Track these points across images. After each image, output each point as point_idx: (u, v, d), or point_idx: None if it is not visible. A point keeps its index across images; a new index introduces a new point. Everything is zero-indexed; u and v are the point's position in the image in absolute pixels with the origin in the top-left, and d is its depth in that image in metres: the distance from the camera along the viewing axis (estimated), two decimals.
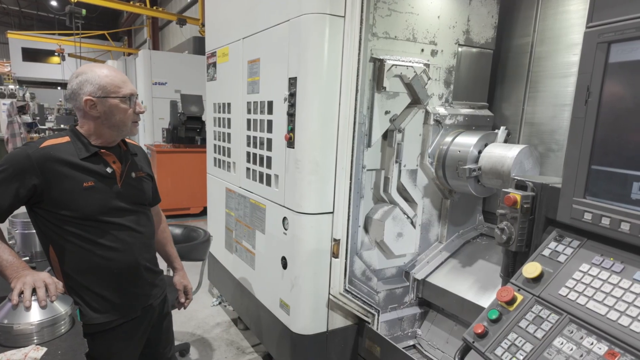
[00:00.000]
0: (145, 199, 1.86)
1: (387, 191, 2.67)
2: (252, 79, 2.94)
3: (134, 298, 1.79)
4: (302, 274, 2.50)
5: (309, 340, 2.55)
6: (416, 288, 2.83)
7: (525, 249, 1.65)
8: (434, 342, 2.76)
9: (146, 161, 1.95)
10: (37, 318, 1.50)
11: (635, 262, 1.24)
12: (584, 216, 1.35)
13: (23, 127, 9.37)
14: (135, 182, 1.80)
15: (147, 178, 1.90)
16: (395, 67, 2.43)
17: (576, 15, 2.46)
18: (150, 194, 1.90)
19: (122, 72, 1.74)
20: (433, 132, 2.70)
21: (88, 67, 1.68)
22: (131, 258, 1.75)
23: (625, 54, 1.24)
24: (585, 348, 1.17)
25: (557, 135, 2.58)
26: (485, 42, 2.83)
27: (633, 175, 1.23)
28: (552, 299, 1.33)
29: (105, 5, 11.49)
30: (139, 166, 1.86)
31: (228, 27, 3.35)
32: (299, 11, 2.32)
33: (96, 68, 1.66)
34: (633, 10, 1.21)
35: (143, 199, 1.84)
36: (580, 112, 1.36)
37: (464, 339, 1.44)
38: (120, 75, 1.69)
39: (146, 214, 1.86)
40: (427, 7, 2.58)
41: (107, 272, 1.70)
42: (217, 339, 3.58)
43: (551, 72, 2.61)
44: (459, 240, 2.90)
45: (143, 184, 1.85)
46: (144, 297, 1.83)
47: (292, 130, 2.44)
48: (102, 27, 18.60)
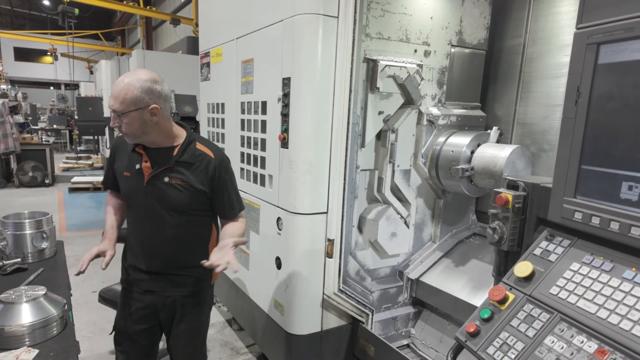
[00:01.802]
0: (167, 205, 1.88)
1: (380, 191, 2.68)
2: (246, 79, 2.94)
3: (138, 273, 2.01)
4: (297, 274, 2.50)
5: (303, 340, 2.55)
6: (410, 288, 2.84)
7: (517, 248, 1.66)
8: (427, 341, 2.78)
9: (202, 174, 1.89)
10: (29, 319, 1.49)
11: (624, 261, 1.26)
12: (574, 216, 1.37)
13: (15, 128, 9.29)
14: (163, 186, 1.86)
15: (185, 187, 1.87)
16: (389, 67, 2.44)
17: (567, 16, 2.49)
18: (181, 202, 1.88)
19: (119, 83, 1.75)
20: (426, 132, 2.71)
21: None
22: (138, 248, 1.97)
23: (614, 55, 1.26)
24: (575, 346, 1.19)
25: (549, 135, 2.60)
26: (478, 42, 2.85)
27: (622, 175, 1.25)
28: (543, 297, 1.34)
29: (98, 5, 11.43)
30: (182, 175, 1.86)
31: (222, 27, 3.34)
32: (293, 11, 2.32)
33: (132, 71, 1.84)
34: (622, 12, 1.22)
35: (161, 204, 1.88)
36: (570, 113, 1.38)
37: (457, 338, 1.45)
38: (115, 85, 1.76)
39: (164, 219, 1.89)
40: (420, 8, 2.59)
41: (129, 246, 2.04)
42: (212, 339, 3.57)
43: (543, 72, 2.63)
44: (452, 240, 2.92)
45: (173, 191, 1.86)
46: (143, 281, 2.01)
47: (286, 131, 2.44)
48: (95, 27, 18.49)
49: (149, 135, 1.82)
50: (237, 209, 2.03)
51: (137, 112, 1.74)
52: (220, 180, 1.93)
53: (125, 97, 1.71)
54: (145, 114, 1.75)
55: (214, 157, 1.91)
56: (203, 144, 1.96)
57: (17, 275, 2.08)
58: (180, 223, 1.92)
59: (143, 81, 1.74)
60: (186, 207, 1.90)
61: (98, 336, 3.46)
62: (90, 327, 3.59)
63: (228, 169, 1.99)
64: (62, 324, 1.60)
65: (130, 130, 1.78)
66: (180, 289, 2.01)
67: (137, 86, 1.72)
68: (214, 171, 1.90)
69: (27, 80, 22.37)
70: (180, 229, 1.93)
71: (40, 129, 15.09)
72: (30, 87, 21.84)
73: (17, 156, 9.53)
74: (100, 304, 2.76)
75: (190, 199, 1.89)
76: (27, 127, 11.96)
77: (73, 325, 1.67)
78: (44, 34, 17.59)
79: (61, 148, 16.93)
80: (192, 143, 1.91)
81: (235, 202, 2.02)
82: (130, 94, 1.71)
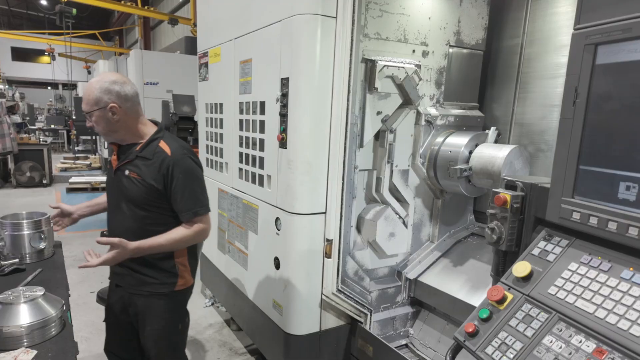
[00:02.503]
0: (126, 197, 1.99)
1: (379, 191, 2.68)
2: (244, 80, 2.94)
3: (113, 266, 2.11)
4: (295, 274, 2.50)
5: (301, 340, 2.55)
6: (408, 287, 2.84)
7: (515, 248, 1.66)
8: (426, 341, 2.78)
9: (155, 170, 1.93)
10: (27, 320, 1.49)
11: (622, 261, 1.26)
12: (572, 216, 1.37)
13: (12, 128, 9.26)
14: (124, 178, 1.98)
15: (139, 181, 1.94)
16: (387, 67, 2.44)
17: (565, 17, 2.49)
18: (135, 196, 1.96)
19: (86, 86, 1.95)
20: (424, 132, 2.71)
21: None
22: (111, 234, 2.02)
23: (611, 55, 1.26)
24: (574, 346, 1.19)
25: (547, 135, 2.61)
26: (476, 43, 2.85)
27: (620, 175, 1.25)
28: (541, 297, 1.35)
29: (96, 5, 11.40)
30: (138, 169, 1.95)
31: (220, 27, 3.34)
32: (291, 12, 2.32)
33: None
34: (619, 13, 1.23)
35: (122, 196, 2.00)
36: (568, 113, 1.38)
37: (455, 338, 1.45)
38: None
39: (125, 211, 1.99)
40: (418, 9, 2.59)
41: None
42: (210, 340, 3.57)
43: (541, 73, 2.64)
44: (450, 240, 2.92)
45: (130, 183, 1.96)
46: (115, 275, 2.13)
47: (285, 131, 2.44)
48: (93, 27, 18.46)
49: (118, 132, 1.98)
50: (190, 213, 1.96)
51: (99, 111, 1.89)
52: (173, 179, 1.93)
53: (89, 98, 1.89)
54: (107, 113, 1.90)
55: (170, 155, 1.95)
56: (167, 142, 2.00)
57: (15, 275, 2.08)
58: (139, 217, 1.98)
59: (103, 82, 1.89)
60: (141, 201, 1.96)
61: (96, 337, 3.45)
62: (89, 328, 3.59)
63: (186, 169, 1.95)
64: (61, 324, 1.60)
65: (99, 128, 1.95)
66: (143, 288, 2.04)
67: (97, 87, 1.88)
68: (167, 169, 1.93)
69: (24, 80, 22.32)
70: (140, 223, 1.97)
71: (37, 129, 15.06)
72: (28, 87, 21.79)
73: (15, 156, 9.51)
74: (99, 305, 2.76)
75: (143, 193, 1.95)
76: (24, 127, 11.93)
77: (71, 325, 1.67)
78: (42, 34, 17.55)
79: (59, 148, 16.89)
80: (155, 140, 1.99)
81: (189, 203, 1.95)
82: (92, 95, 1.88)
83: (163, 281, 2.04)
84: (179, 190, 1.94)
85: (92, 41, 19.33)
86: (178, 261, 2.08)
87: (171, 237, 1.94)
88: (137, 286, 2.04)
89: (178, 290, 2.10)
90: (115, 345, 2.24)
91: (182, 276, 2.10)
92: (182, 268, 2.10)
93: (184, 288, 2.13)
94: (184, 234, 1.97)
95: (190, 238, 2.00)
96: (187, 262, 2.13)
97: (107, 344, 2.27)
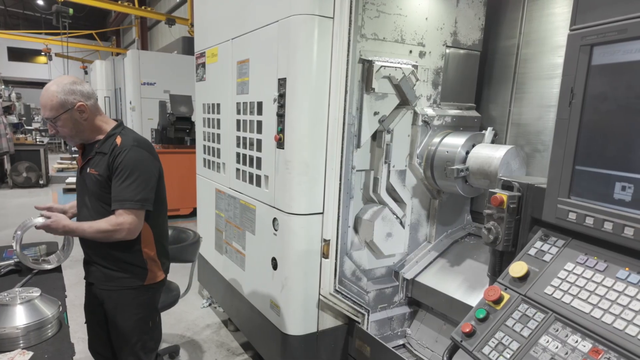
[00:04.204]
0: (88, 193, 2.04)
1: (376, 191, 2.69)
2: (242, 80, 2.94)
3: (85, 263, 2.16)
4: (292, 274, 2.50)
5: (299, 340, 2.55)
6: (405, 288, 2.85)
7: (512, 248, 1.67)
8: (423, 341, 2.78)
9: (106, 162, 1.94)
10: (23, 321, 1.48)
11: (618, 261, 1.26)
12: (568, 216, 1.38)
13: (9, 128, 9.22)
14: (86, 176, 2.03)
15: (97, 177, 1.98)
16: (384, 68, 2.44)
17: (561, 17, 2.50)
18: (95, 191, 1.99)
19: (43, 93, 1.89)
20: (421, 132, 2.72)
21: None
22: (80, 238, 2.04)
23: (607, 56, 1.27)
24: (570, 346, 1.19)
25: (543, 135, 2.61)
26: (473, 43, 2.86)
27: (615, 175, 1.26)
28: (538, 297, 1.35)
29: (93, 5, 11.37)
30: (96, 165, 2.00)
31: (217, 27, 3.34)
32: (288, 12, 2.32)
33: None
34: (615, 13, 1.23)
35: (86, 193, 2.05)
36: (564, 114, 1.38)
37: (452, 338, 1.46)
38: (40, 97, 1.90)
39: (90, 207, 2.04)
40: (415, 9, 2.59)
41: None
42: (208, 340, 3.56)
43: (537, 73, 2.65)
44: (447, 240, 2.92)
45: (90, 180, 2.01)
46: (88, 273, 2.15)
47: (282, 131, 2.44)
48: (90, 27, 18.41)
49: (84, 133, 2.00)
50: (117, 203, 1.90)
51: (66, 113, 1.90)
52: (117, 169, 1.92)
53: (52, 103, 1.88)
54: (74, 114, 1.92)
55: (119, 145, 1.96)
56: (122, 136, 2.00)
57: (12, 276, 2.07)
58: (100, 212, 1.99)
59: (64, 84, 1.90)
60: (100, 196, 1.99)
61: None
62: (85, 329, 3.57)
63: (129, 159, 1.91)
64: (57, 325, 1.59)
65: (65, 132, 1.95)
66: (111, 283, 2.06)
67: (59, 90, 1.88)
68: (113, 159, 1.94)
69: (21, 80, 22.22)
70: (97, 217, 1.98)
71: (34, 129, 14.98)
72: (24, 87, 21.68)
73: (11, 157, 9.47)
74: None
75: (99, 188, 1.98)
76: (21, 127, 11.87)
77: (68, 327, 1.67)
78: (38, 34, 17.48)
79: (55, 148, 16.84)
80: (112, 136, 2.01)
81: (122, 194, 1.90)
82: (55, 100, 1.87)
83: (131, 275, 2.06)
84: (118, 180, 1.91)
85: (89, 41, 19.27)
86: (147, 255, 2.08)
87: (93, 226, 1.91)
88: (106, 281, 2.07)
89: (147, 284, 2.10)
90: (99, 344, 2.27)
91: (151, 270, 2.10)
92: (151, 262, 2.10)
93: (154, 283, 2.13)
94: (103, 226, 1.89)
95: (110, 232, 1.88)
96: (157, 257, 2.13)
97: (90, 343, 2.31)
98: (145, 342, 2.16)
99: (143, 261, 2.08)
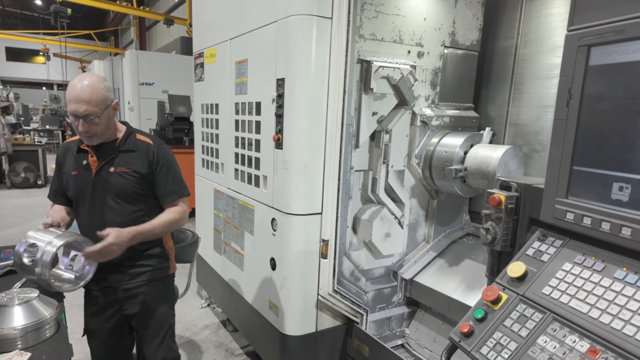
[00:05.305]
0: (115, 193, 1.97)
1: (375, 192, 2.69)
2: (240, 80, 2.94)
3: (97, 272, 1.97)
4: (291, 274, 2.50)
5: (297, 341, 2.55)
6: (404, 288, 2.85)
7: (510, 248, 1.67)
8: (421, 341, 2.79)
9: (143, 158, 2.00)
10: (21, 322, 1.48)
11: (616, 261, 1.27)
12: (566, 216, 1.38)
13: (7, 128, 9.21)
14: (109, 175, 1.97)
15: (130, 174, 1.97)
16: (382, 68, 2.44)
17: (559, 18, 2.51)
18: (127, 189, 1.97)
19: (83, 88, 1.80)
20: (420, 133, 2.72)
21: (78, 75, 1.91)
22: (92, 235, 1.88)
23: (604, 56, 1.27)
24: (568, 346, 1.20)
25: (541, 136, 2.62)
26: (471, 44, 2.86)
27: (613, 175, 1.26)
28: (536, 297, 1.35)
29: (91, 5, 11.36)
30: (126, 162, 1.98)
31: (215, 27, 3.33)
32: (287, 12, 2.32)
33: (76, 77, 1.86)
34: (612, 14, 1.24)
35: (112, 192, 1.97)
36: (562, 114, 1.39)
37: (451, 339, 1.46)
38: (75, 91, 1.80)
39: (113, 208, 1.98)
40: (414, 9, 2.60)
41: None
42: (206, 340, 3.56)
43: (535, 74, 2.65)
44: (445, 240, 2.93)
45: (118, 179, 1.97)
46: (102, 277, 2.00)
47: (280, 132, 2.44)
48: (88, 27, 18.38)
49: (109, 131, 1.96)
50: (175, 194, 2.06)
51: (107, 110, 1.88)
52: (158, 164, 2.02)
53: (98, 99, 1.82)
54: (110, 111, 1.92)
55: (152, 144, 2.04)
56: (142, 134, 2.08)
57: (10, 277, 2.07)
58: (129, 211, 1.99)
59: (101, 80, 1.88)
60: (133, 193, 1.99)
61: None
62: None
63: (168, 155, 2.07)
64: (55, 326, 1.59)
65: (99, 130, 1.90)
66: (137, 280, 2.06)
67: (101, 86, 1.85)
68: (153, 156, 2.01)
69: (19, 81, 22.19)
70: (130, 217, 1.98)
71: (32, 129, 14.96)
72: (23, 87, 21.67)
73: (9, 157, 9.45)
74: None
75: (135, 185, 1.98)
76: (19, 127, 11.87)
77: (66, 327, 1.66)
78: (36, 34, 17.46)
79: (54, 149, 16.75)
80: (132, 134, 2.05)
81: (174, 186, 2.06)
82: (100, 95, 1.83)
83: (158, 267, 2.11)
84: (164, 175, 2.03)
85: (87, 41, 19.25)
86: (168, 246, 2.18)
87: (161, 220, 2.00)
88: (133, 279, 2.05)
89: (171, 274, 2.20)
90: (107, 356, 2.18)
91: (171, 260, 2.20)
92: (171, 252, 2.20)
93: (173, 272, 2.22)
94: (172, 216, 2.03)
95: (178, 220, 2.06)
96: (173, 246, 2.22)
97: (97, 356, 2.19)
98: (173, 331, 2.22)
99: (166, 252, 2.16)
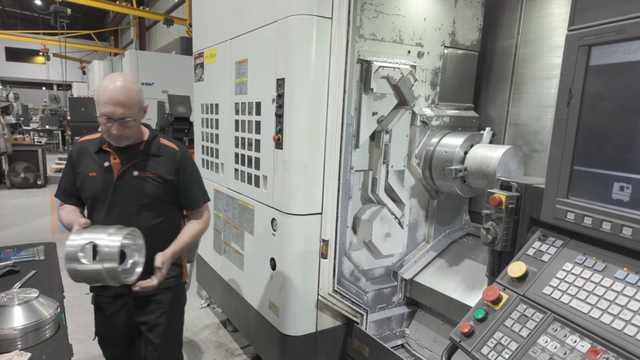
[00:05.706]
0: (138, 198, 1.91)
1: (375, 192, 2.69)
2: (240, 80, 2.94)
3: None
4: (291, 275, 2.50)
5: (298, 341, 2.55)
6: (404, 288, 2.85)
7: (510, 248, 1.67)
8: (422, 341, 2.78)
9: (169, 164, 1.96)
10: (21, 322, 1.48)
11: (616, 261, 1.27)
12: (566, 216, 1.38)
13: (7, 128, 9.20)
14: (133, 180, 1.90)
15: (155, 179, 1.93)
16: (382, 68, 2.44)
17: (559, 18, 2.51)
18: (152, 194, 1.93)
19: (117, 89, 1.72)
20: (420, 133, 2.72)
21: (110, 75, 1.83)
22: None
23: (605, 56, 1.27)
24: (568, 346, 1.19)
25: (541, 136, 2.62)
26: (471, 44, 2.86)
27: (614, 175, 1.26)
28: (536, 297, 1.35)
29: (90, 5, 11.36)
30: (151, 167, 1.93)
31: (215, 27, 3.33)
32: (287, 12, 2.32)
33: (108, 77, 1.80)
34: (612, 14, 1.23)
35: (136, 197, 1.91)
36: (562, 114, 1.39)
37: (451, 339, 1.46)
38: (109, 92, 1.72)
39: (140, 209, 1.92)
40: (414, 9, 2.60)
41: None
42: (206, 341, 3.56)
43: (535, 74, 2.65)
44: (445, 240, 2.93)
45: (143, 183, 1.91)
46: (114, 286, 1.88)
47: (280, 132, 2.44)
48: (88, 27, 18.39)
49: (137, 133, 1.91)
50: (200, 201, 2.09)
51: (140, 112, 1.84)
52: (184, 172, 2.00)
53: (134, 101, 1.78)
54: (141, 114, 1.86)
55: (178, 150, 2.01)
56: (166, 139, 2.05)
57: (9, 277, 2.06)
58: (150, 216, 1.95)
59: (135, 82, 1.81)
60: (156, 199, 1.95)
61: (91, 339, 3.43)
62: (84, 330, 3.56)
63: (191, 160, 2.07)
64: (55, 326, 1.59)
65: (131, 132, 1.84)
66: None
67: (136, 89, 1.79)
68: (179, 163, 1.99)
69: (18, 81, 22.19)
70: (151, 223, 1.94)
71: (32, 129, 14.96)
72: (22, 87, 21.66)
73: (9, 157, 9.44)
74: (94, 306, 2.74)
75: (160, 190, 1.95)
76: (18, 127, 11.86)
77: (66, 327, 1.66)
78: (36, 34, 17.47)
79: (53, 149, 16.77)
80: (156, 138, 2.00)
81: (199, 193, 2.08)
82: (137, 98, 1.79)
83: (171, 275, 2.04)
84: (190, 182, 2.03)
85: (87, 41, 19.26)
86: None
87: (192, 234, 2.02)
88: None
89: (183, 282, 2.18)
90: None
91: (184, 266, 2.18)
92: (184, 259, 2.19)
93: (185, 281, 2.21)
94: (201, 226, 2.07)
95: (205, 227, 2.10)
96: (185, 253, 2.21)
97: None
98: (181, 339, 2.23)
99: (179, 259, 2.12)
